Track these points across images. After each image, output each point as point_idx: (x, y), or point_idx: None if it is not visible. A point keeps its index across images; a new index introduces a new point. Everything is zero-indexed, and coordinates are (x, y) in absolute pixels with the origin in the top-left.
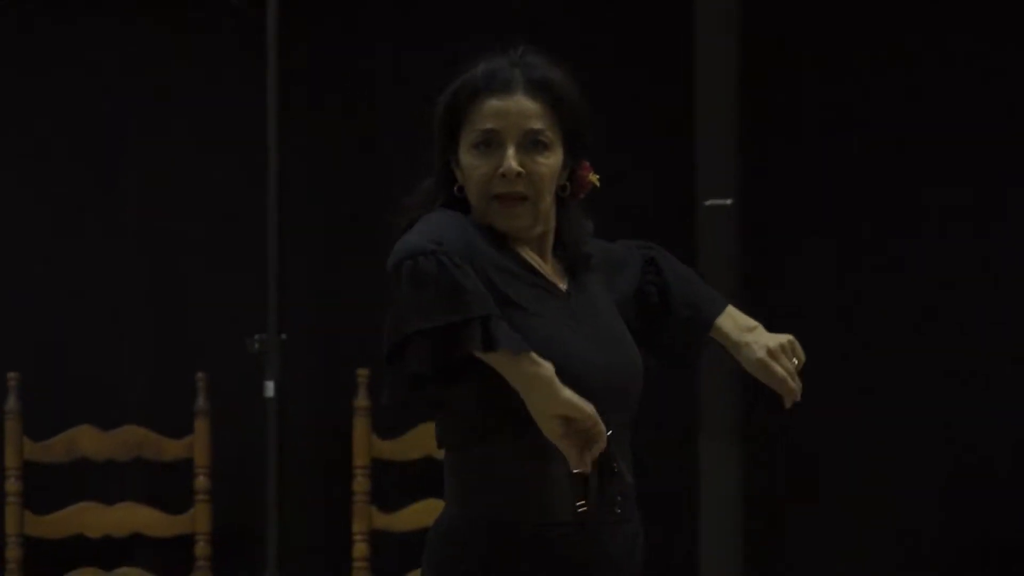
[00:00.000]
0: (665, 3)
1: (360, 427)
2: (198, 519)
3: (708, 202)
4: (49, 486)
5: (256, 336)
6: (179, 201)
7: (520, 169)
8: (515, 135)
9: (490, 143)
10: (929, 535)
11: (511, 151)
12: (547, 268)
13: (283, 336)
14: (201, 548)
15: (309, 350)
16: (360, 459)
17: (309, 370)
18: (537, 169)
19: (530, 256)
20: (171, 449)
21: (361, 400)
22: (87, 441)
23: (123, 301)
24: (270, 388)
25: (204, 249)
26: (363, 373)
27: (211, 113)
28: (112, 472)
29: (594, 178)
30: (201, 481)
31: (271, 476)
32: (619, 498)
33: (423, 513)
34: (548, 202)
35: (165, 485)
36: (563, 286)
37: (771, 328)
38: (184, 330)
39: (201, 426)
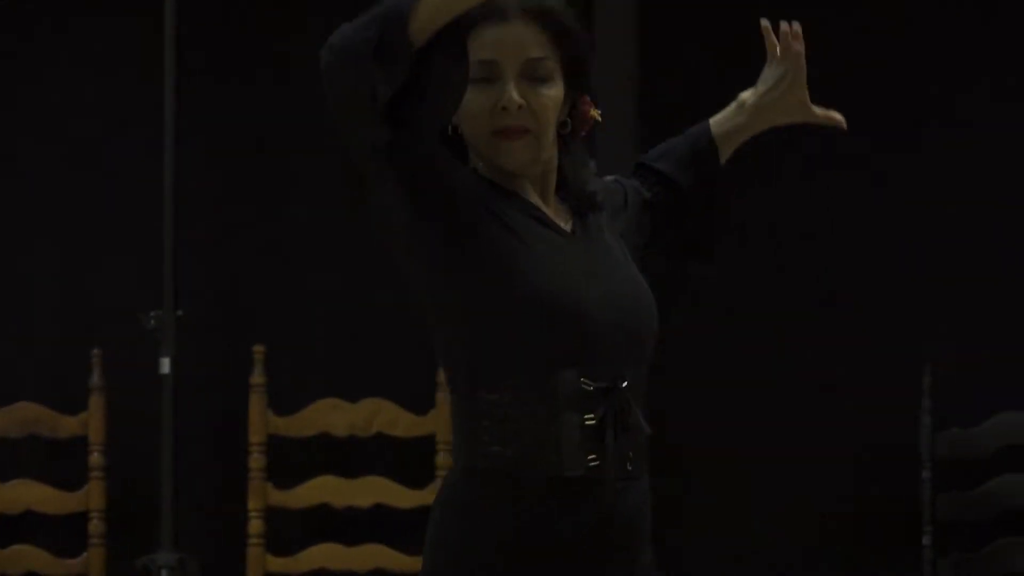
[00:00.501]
0: None
1: (256, 404)
2: (92, 496)
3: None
4: None
5: (152, 312)
6: (75, 179)
7: (522, 101)
8: (515, 65)
9: (488, 76)
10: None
11: (511, 82)
12: (550, 210)
13: (179, 312)
14: (95, 525)
15: (205, 326)
16: (256, 436)
17: (205, 346)
18: (540, 101)
19: (533, 197)
20: (66, 426)
21: (257, 377)
22: None
23: (17, 277)
24: (166, 364)
25: (100, 226)
26: (259, 350)
27: (108, 94)
28: (5, 449)
29: (596, 113)
30: (96, 458)
31: (166, 453)
32: (631, 454)
33: (319, 490)
34: (551, 137)
35: (59, 462)
36: (568, 227)
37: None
38: (79, 306)
39: (96, 403)
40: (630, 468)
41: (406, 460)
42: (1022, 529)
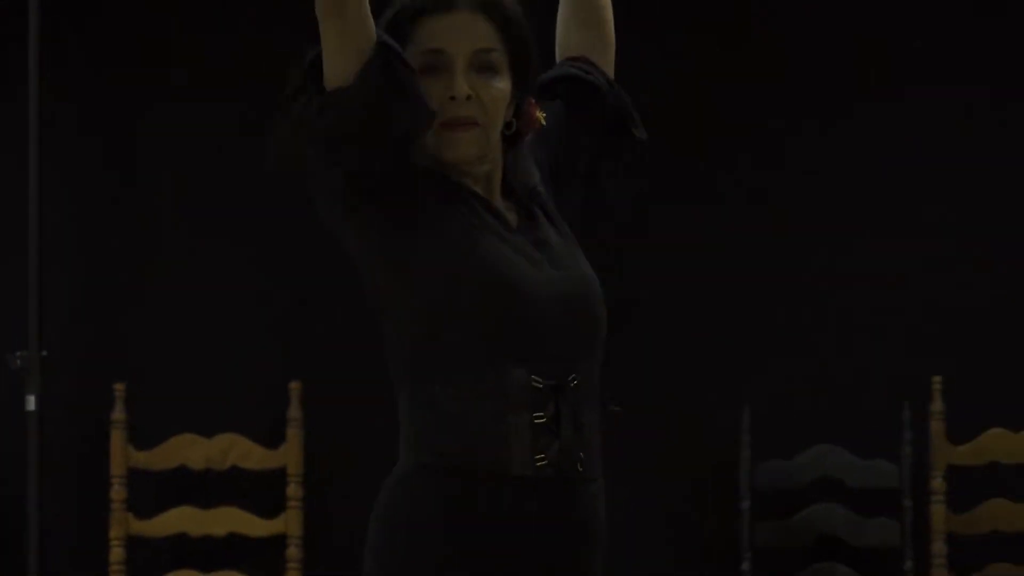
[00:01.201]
0: None
1: (116, 438)
2: None
3: None
4: None
5: (18, 353)
6: None
7: (471, 92)
8: (464, 55)
9: (436, 66)
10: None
11: (460, 73)
12: (495, 205)
13: (44, 353)
14: None
15: (68, 366)
16: (117, 469)
17: (68, 385)
18: (489, 93)
19: (479, 190)
20: None
21: (118, 413)
22: None
23: None
24: (31, 402)
25: None
26: (120, 388)
27: None
28: None
29: (541, 116)
30: None
31: (32, 485)
32: (582, 455)
33: (177, 519)
34: (498, 134)
35: None
36: (514, 222)
37: None
38: None
39: None
40: (581, 469)
41: (258, 491)
42: (834, 555)
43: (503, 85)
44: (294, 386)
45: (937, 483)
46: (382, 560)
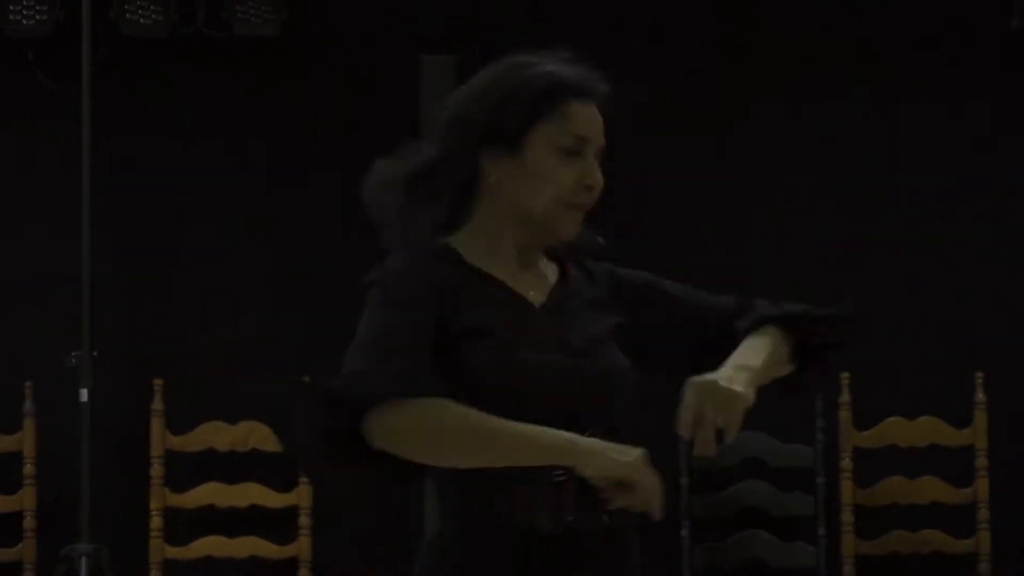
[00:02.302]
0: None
1: (156, 425)
2: (26, 499)
3: None
4: None
5: (73, 353)
6: (8, 248)
7: (601, 181)
8: (596, 147)
9: (579, 151)
10: None
11: (595, 163)
12: (527, 279)
13: (95, 353)
14: (28, 522)
15: (116, 364)
16: (156, 451)
17: (115, 380)
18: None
19: (507, 273)
20: (5, 443)
21: (157, 404)
22: None
23: None
24: (84, 395)
25: (31, 284)
26: (159, 382)
27: (30, 171)
28: None
29: None
30: (28, 468)
31: (85, 464)
32: (606, 511)
33: (206, 493)
34: None
35: None
36: (539, 297)
37: None
38: (15, 348)
39: (28, 425)
40: (606, 519)
41: (275, 469)
42: (759, 523)
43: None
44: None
45: (845, 463)
46: None
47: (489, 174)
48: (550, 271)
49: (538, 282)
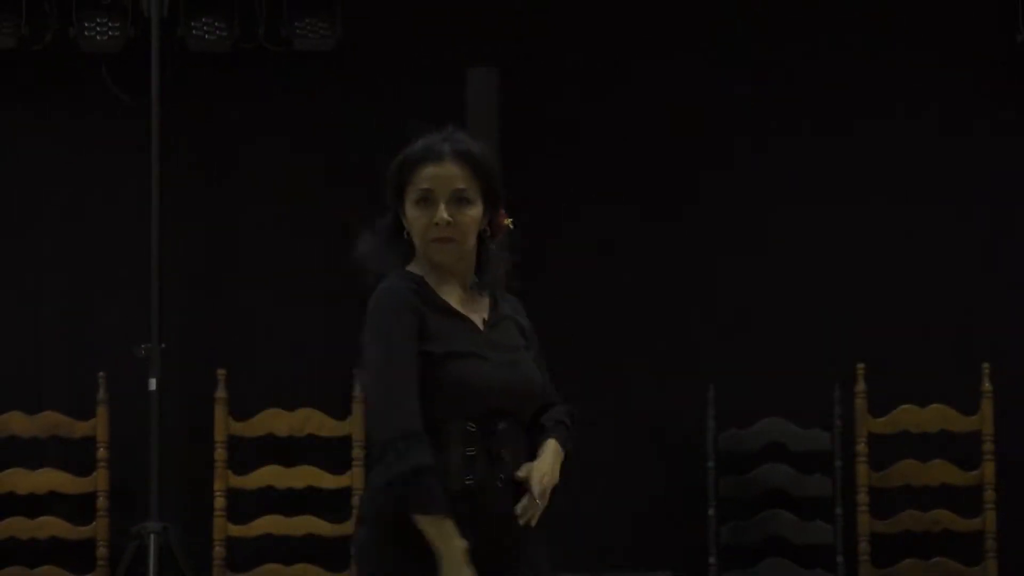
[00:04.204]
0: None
1: (219, 412)
2: (99, 481)
3: None
4: None
5: (142, 345)
6: (84, 249)
7: (449, 219)
8: (445, 193)
9: (427, 199)
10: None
11: (442, 205)
12: (469, 304)
13: (163, 345)
14: (101, 502)
15: (182, 356)
16: (219, 435)
17: (182, 370)
18: (463, 219)
19: (455, 298)
20: (80, 428)
21: (220, 392)
22: (16, 423)
23: (47, 321)
24: (153, 384)
25: (105, 284)
26: (222, 372)
27: (104, 176)
28: (34, 446)
29: (508, 222)
30: (102, 452)
31: (153, 448)
32: (501, 475)
33: (266, 475)
34: (472, 243)
35: (74, 455)
36: (481, 318)
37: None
38: (91, 342)
39: (102, 412)
40: (499, 485)
41: (330, 454)
42: (781, 504)
43: (474, 212)
44: (357, 371)
45: (861, 447)
46: (366, 549)
47: (405, 226)
48: (481, 298)
49: (479, 308)
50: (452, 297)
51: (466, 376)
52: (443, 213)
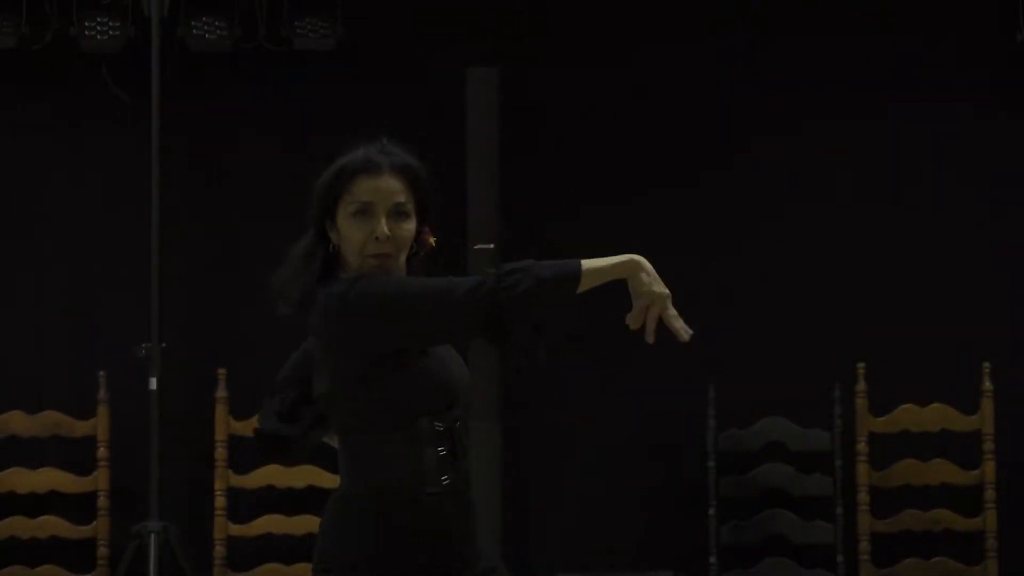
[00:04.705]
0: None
1: (220, 411)
2: (99, 480)
3: (476, 246)
4: None
5: (143, 345)
6: (83, 248)
7: (389, 233)
8: (385, 206)
9: (365, 212)
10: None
11: (383, 219)
12: None
13: (163, 345)
14: (102, 502)
15: (182, 355)
16: (220, 435)
17: (182, 370)
18: (401, 233)
19: None
20: (80, 428)
21: (221, 391)
22: (16, 422)
23: (46, 321)
24: (153, 383)
25: (105, 284)
26: (222, 372)
27: (103, 175)
28: (34, 446)
29: (432, 240)
30: (102, 452)
31: (154, 448)
32: (466, 472)
33: (266, 475)
34: (404, 258)
35: (75, 455)
36: None
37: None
38: (91, 341)
39: (102, 411)
40: (446, 483)
41: (330, 453)
42: (782, 503)
43: (411, 226)
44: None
45: (861, 447)
46: (327, 561)
47: (333, 240)
48: None
49: None
50: None
51: (433, 372)
52: (384, 227)
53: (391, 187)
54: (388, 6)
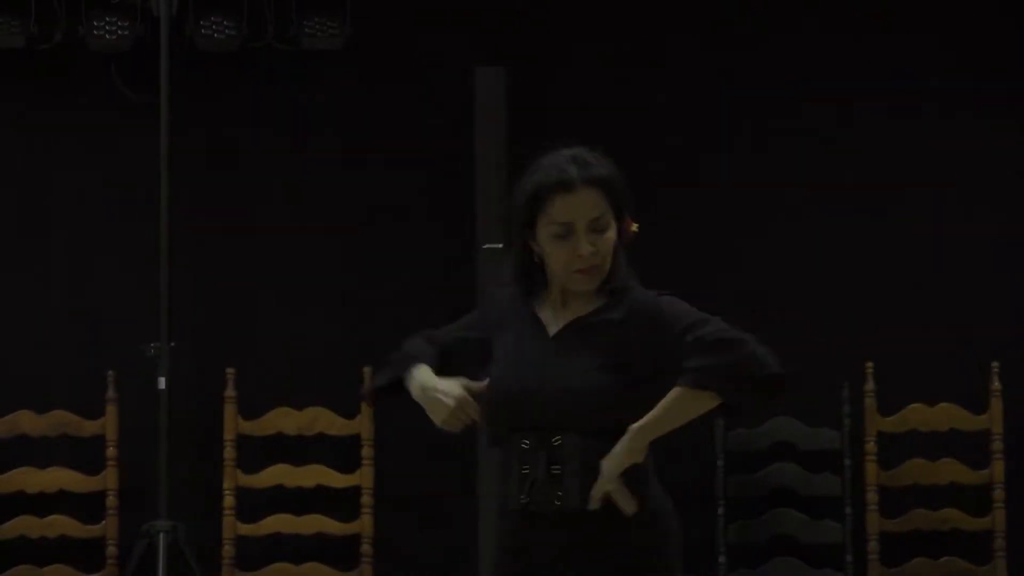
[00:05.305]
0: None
1: (228, 410)
2: (108, 479)
3: (485, 246)
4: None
5: (152, 344)
6: (91, 247)
7: (592, 248)
8: (584, 223)
9: (566, 233)
10: None
11: (583, 237)
12: (563, 309)
13: (172, 344)
14: (110, 501)
15: (191, 354)
16: (228, 434)
17: (191, 369)
18: (604, 245)
19: (545, 309)
20: (88, 427)
21: (229, 391)
22: (25, 421)
23: (56, 320)
24: (162, 383)
25: (112, 282)
26: (231, 372)
27: (112, 175)
28: (43, 445)
29: (634, 227)
30: (111, 451)
31: (163, 447)
32: (560, 494)
33: (275, 474)
34: (610, 262)
35: (84, 454)
36: (556, 327)
37: None
38: (100, 341)
39: (111, 410)
40: (558, 503)
41: (339, 453)
42: (790, 503)
43: (611, 233)
44: (367, 370)
45: (870, 446)
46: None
47: (536, 252)
48: (589, 306)
49: (572, 312)
50: (547, 302)
51: (502, 386)
52: (586, 246)
53: (587, 202)
54: (396, 5)
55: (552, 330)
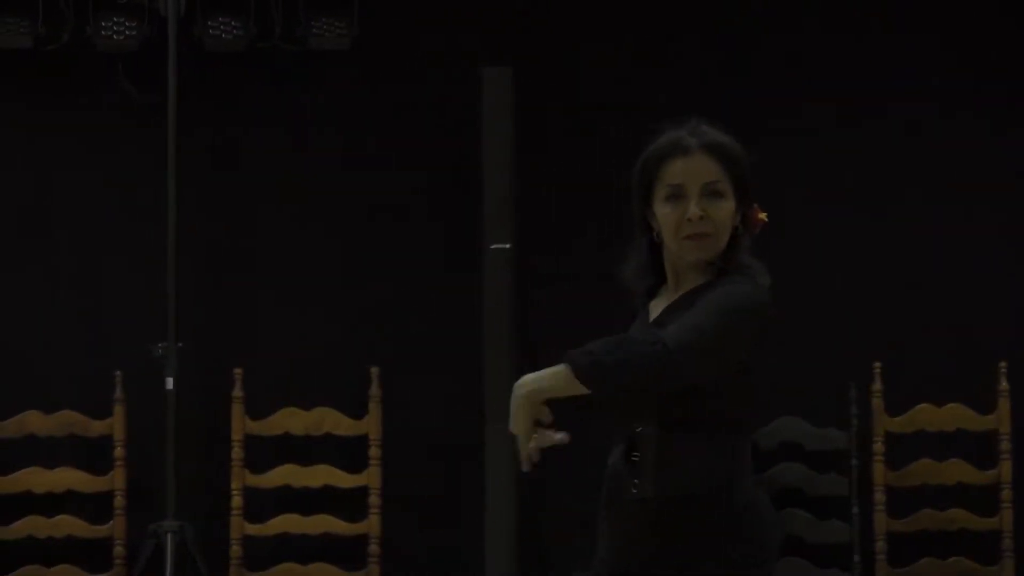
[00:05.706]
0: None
1: (236, 411)
2: (116, 479)
3: (492, 246)
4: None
5: (159, 344)
6: (99, 248)
7: (702, 213)
8: (696, 187)
9: (678, 195)
10: None
11: (694, 200)
12: (670, 299)
13: (179, 344)
14: (118, 501)
15: (199, 355)
16: (236, 434)
17: (199, 369)
18: (717, 213)
19: (660, 302)
20: (96, 427)
21: (237, 391)
22: (33, 422)
23: (64, 321)
24: (170, 383)
25: (122, 284)
26: (238, 372)
27: (120, 175)
28: (51, 445)
29: (763, 216)
30: (118, 451)
31: (170, 447)
32: (636, 481)
33: (282, 474)
34: (725, 241)
35: (91, 454)
36: (665, 306)
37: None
38: (108, 341)
39: (119, 411)
40: (634, 491)
41: (347, 453)
42: (797, 503)
43: (727, 205)
44: (374, 370)
45: (877, 447)
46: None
47: (655, 229)
48: (692, 287)
49: (673, 298)
50: (663, 295)
51: None
52: (695, 208)
53: (702, 167)
54: (403, 6)
55: (656, 312)
